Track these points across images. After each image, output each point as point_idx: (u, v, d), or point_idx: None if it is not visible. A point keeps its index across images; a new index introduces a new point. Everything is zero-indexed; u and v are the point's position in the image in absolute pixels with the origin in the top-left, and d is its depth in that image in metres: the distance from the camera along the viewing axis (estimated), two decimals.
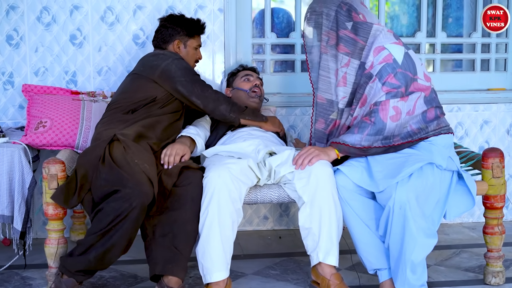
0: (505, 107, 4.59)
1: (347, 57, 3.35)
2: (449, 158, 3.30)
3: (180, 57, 3.63)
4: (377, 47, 3.32)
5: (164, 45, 3.75)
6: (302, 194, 3.26)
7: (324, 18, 3.37)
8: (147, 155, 3.27)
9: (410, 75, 3.30)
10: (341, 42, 3.35)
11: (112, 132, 3.29)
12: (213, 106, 3.53)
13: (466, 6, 4.78)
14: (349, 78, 3.36)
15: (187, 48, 3.77)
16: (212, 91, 3.56)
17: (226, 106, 3.55)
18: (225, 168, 3.18)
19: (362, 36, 3.34)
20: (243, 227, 4.37)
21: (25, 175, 3.50)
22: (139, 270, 3.64)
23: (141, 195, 3.03)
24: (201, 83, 3.56)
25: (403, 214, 3.09)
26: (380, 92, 3.27)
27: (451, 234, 4.37)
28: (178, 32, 3.74)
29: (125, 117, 3.46)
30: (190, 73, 3.56)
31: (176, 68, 3.53)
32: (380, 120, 3.24)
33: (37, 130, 3.71)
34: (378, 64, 3.30)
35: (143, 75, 3.56)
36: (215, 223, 3.13)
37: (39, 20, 4.10)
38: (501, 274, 3.48)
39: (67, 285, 3.10)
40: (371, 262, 3.30)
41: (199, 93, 3.52)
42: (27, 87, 3.98)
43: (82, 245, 3.10)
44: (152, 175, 3.15)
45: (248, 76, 3.96)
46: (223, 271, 3.16)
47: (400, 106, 3.25)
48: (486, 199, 3.45)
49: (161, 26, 3.78)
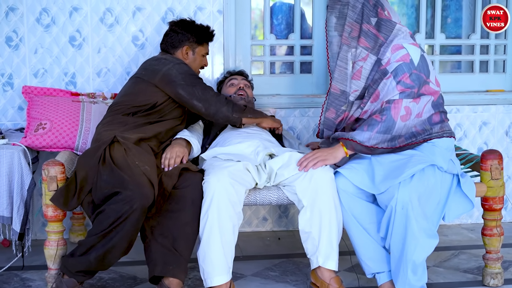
0: (504, 108, 4.60)
1: (366, 52, 3.35)
2: (451, 161, 3.31)
3: (182, 62, 3.63)
4: (395, 45, 3.32)
5: (172, 49, 3.74)
6: (302, 197, 3.26)
7: (350, 9, 3.35)
8: (148, 156, 3.28)
9: (424, 77, 3.30)
10: (363, 36, 3.35)
11: (113, 134, 3.29)
12: (215, 108, 3.53)
13: (465, 7, 4.78)
14: (364, 72, 3.37)
15: (195, 55, 3.76)
16: (213, 93, 3.56)
17: (227, 107, 3.55)
18: (224, 172, 3.18)
19: (384, 33, 3.35)
20: (242, 228, 4.36)
21: (24, 176, 3.50)
22: (139, 271, 3.64)
23: (142, 197, 3.04)
24: (201, 86, 3.55)
25: (405, 214, 3.10)
26: (395, 90, 3.27)
27: (449, 235, 4.37)
28: (188, 39, 3.73)
29: (126, 119, 3.47)
30: (191, 77, 3.56)
31: (176, 72, 3.53)
32: (391, 118, 3.24)
33: (37, 132, 3.71)
34: (395, 62, 3.30)
35: (145, 79, 3.57)
36: (215, 227, 3.13)
37: (38, 21, 4.11)
38: (499, 275, 3.48)
39: (68, 285, 3.12)
40: (370, 266, 3.31)
41: (200, 96, 3.52)
42: (27, 88, 3.98)
43: (83, 246, 3.11)
44: (153, 177, 3.16)
45: (232, 81, 4.00)
46: (224, 275, 3.16)
47: (411, 107, 3.26)
48: (485, 201, 3.45)
49: (171, 30, 3.77)
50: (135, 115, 3.50)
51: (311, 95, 4.44)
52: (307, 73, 4.52)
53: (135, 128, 3.43)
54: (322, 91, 4.46)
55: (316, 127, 4.40)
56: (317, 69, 4.48)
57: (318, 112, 4.38)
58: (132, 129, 3.41)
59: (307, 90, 4.50)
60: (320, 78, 4.47)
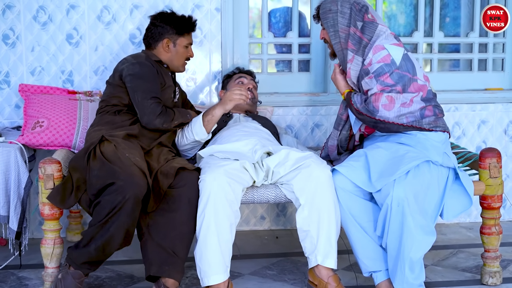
0: (503, 107, 4.59)
1: (352, 54, 3.44)
2: (445, 154, 3.31)
3: (137, 62, 3.55)
4: (377, 46, 3.39)
5: (153, 43, 3.69)
6: (300, 195, 3.25)
7: (339, 16, 3.46)
8: (138, 150, 3.30)
9: (408, 75, 3.35)
10: (350, 39, 3.45)
11: (101, 133, 3.31)
12: (148, 119, 3.43)
13: (463, 5, 4.77)
14: (353, 73, 3.47)
15: (177, 47, 3.69)
16: (151, 103, 3.43)
17: (159, 120, 3.43)
18: (220, 171, 3.17)
19: (367, 35, 3.43)
20: (240, 227, 4.36)
21: (21, 175, 3.49)
22: (136, 270, 3.63)
23: (134, 186, 3.06)
24: (143, 93, 3.45)
25: (401, 211, 3.10)
26: (375, 89, 3.35)
27: (448, 234, 4.37)
28: (168, 31, 3.66)
29: (113, 118, 3.49)
30: (137, 81, 3.48)
31: (127, 73, 3.50)
32: (372, 106, 3.33)
33: (34, 130, 3.70)
34: (376, 63, 3.37)
35: (110, 81, 3.60)
36: (212, 226, 3.12)
37: (35, 19, 4.09)
38: (498, 274, 3.48)
39: (74, 276, 3.13)
40: (367, 265, 3.31)
41: (138, 103, 3.44)
42: (23, 86, 3.97)
43: (85, 237, 3.14)
44: (144, 167, 3.17)
45: (241, 79, 3.99)
46: (221, 274, 3.15)
47: (395, 97, 3.32)
48: (483, 199, 3.45)
49: (151, 24, 3.72)
50: (120, 112, 3.51)
51: (309, 93, 4.43)
52: (305, 71, 4.51)
53: (123, 126, 3.44)
54: (320, 89, 4.45)
55: (314, 125, 4.39)
56: (315, 67, 4.47)
57: (316, 111, 4.38)
58: (119, 127, 3.42)
59: (305, 88, 4.48)
60: (318, 76, 4.46)
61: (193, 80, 4.27)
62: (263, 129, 3.78)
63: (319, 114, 4.38)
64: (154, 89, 3.48)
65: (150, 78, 3.51)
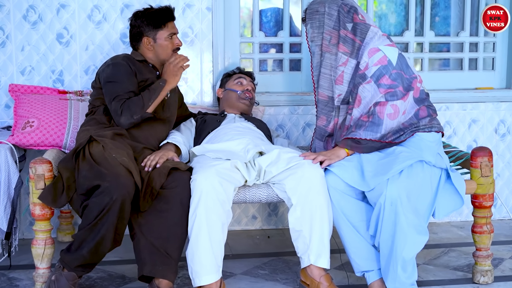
0: (493, 106, 4.60)
1: (345, 57, 3.42)
2: (438, 155, 3.32)
3: (111, 63, 3.52)
4: (371, 48, 3.38)
5: (136, 44, 3.66)
6: (292, 195, 3.24)
7: (326, 17, 3.44)
8: (126, 149, 3.28)
9: (405, 75, 3.35)
10: (341, 42, 3.42)
11: (89, 134, 3.31)
12: (117, 121, 3.41)
13: (453, 5, 4.78)
14: (346, 76, 3.43)
15: (158, 42, 3.61)
16: (113, 104, 3.39)
17: (125, 117, 3.38)
18: (212, 170, 3.16)
19: (359, 37, 3.42)
20: (231, 226, 4.35)
21: (11, 175, 3.47)
22: (127, 270, 3.62)
23: (120, 187, 3.05)
24: (110, 96, 3.42)
25: (394, 210, 3.11)
26: (378, 93, 3.33)
27: (439, 233, 4.38)
28: (144, 29, 3.59)
29: (101, 117, 3.49)
30: (108, 84, 3.46)
31: (102, 77, 3.51)
32: (378, 117, 3.29)
33: (24, 130, 3.68)
34: (373, 65, 3.35)
35: (94, 85, 3.60)
36: (203, 226, 3.11)
37: (25, 18, 4.07)
38: (489, 273, 3.49)
39: (68, 278, 3.12)
40: (359, 265, 3.31)
41: (108, 102, 3.44)
42: (13, 87, 3.95)
43: (76, 240, 3.13)
44: (131, 166, 3.15)
45: (241, 79, 3.99)
46: (213, 274, 3.14)
47: (399, 105, 3.31)
48: (475, 198, 3.45)
49: (130, 26, 3.67)
50: (108, 112, 3.50)
51: (300, 92, 4.43)
52: (297, 70, 4.51)
53: (111, 126, 3.44)
54: (311, 88, 4.43)
55: (305, 124, 4.39)
56: (306, 66, 4.46)
57: (307, 110, 4.38)
58: (108, 127, 3.42)
59: (296, 87, 4.48)
60: (309, 76, 4.45)
61: (184, 80, 4.25)
62: (256, 129, 3.78)
63: (311, 113, 4.37)
64: (117, 89, 3.43)
65: (117, 78, 3.47)
